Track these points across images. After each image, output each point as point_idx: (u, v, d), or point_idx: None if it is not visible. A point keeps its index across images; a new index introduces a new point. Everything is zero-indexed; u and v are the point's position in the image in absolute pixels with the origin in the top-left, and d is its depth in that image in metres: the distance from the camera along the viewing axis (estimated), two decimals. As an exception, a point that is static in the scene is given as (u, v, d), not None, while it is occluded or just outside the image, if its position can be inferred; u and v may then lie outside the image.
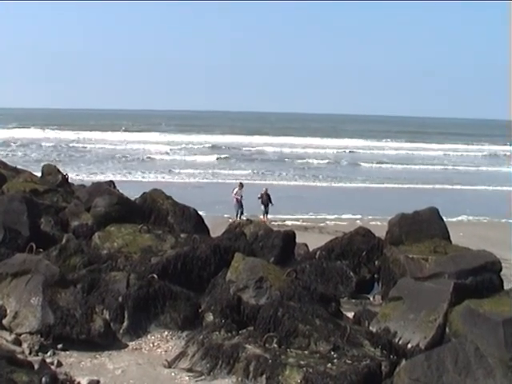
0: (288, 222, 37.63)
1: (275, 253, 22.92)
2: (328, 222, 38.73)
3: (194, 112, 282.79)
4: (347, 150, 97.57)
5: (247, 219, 27.12)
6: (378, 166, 77.05)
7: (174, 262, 18.83)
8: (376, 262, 22.51)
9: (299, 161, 79.78)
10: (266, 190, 39.02)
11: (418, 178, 64.92)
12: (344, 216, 40.62)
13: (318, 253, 23.43)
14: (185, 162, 75.14)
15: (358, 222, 36.80)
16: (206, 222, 25.40)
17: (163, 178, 57.71)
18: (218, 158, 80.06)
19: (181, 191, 37.23)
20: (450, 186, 59.24)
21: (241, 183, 39.41)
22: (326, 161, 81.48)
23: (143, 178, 57.67)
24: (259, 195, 38.47)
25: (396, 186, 58.69)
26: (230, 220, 29.74)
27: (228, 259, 18.67)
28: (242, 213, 36.98)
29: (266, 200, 38.29)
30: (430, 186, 58.65)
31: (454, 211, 40.84)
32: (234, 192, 38.01)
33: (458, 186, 59.64)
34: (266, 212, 38.28)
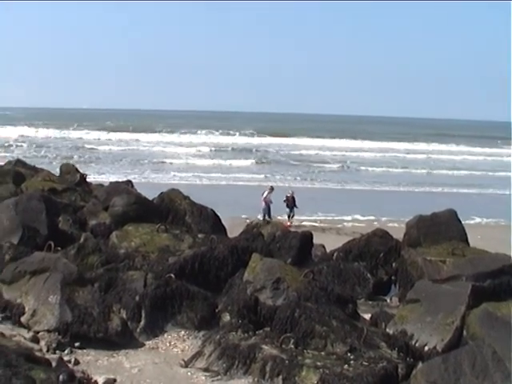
0: (305, 223, 37.59)
1: (292, 254, 22.88)
2: (345, 224, 38.64)
3: (208, 112, 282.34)
4: (369, 153, 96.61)
5: (265, 220, 27.11)
6: (394, 169, 76.40)
7: (191, 262, 18.86)
8: (393, 264, 22.46)
9: (315, 164, 79.46)
10: (292, 192, 38.73)
11: (434, 181, 64.71)
12: (361, 217, 40.54)
13: (335, 254, 23.40)
14: (202, 163, 75.20)
15: (376, 223, 36.69)
16: (224, 222, 25.44)
17: (179, 178, 57.61)
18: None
19: (198, 192, 37.15)
20: (467, 190, 59.02)
21: (271, 187, 39.21)
22: (343, 163, 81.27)
23: (158, 179, 57.64)
24: (285, 198, 38.31)
25: (413, 189, 58.51)
26: (248, 221, 29.69)
27: (245, 260, 18.70)
28: (269, 216, 36.81)
29: (292, 203, 38.10)
30: (447, 190, 58.44)
31: (471, 214, 40.74)
32: (264, 195, 37.79)
33: (475, 190, 59.45)
34: (292, 215, 38.10)
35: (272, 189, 38.36)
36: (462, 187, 60.74)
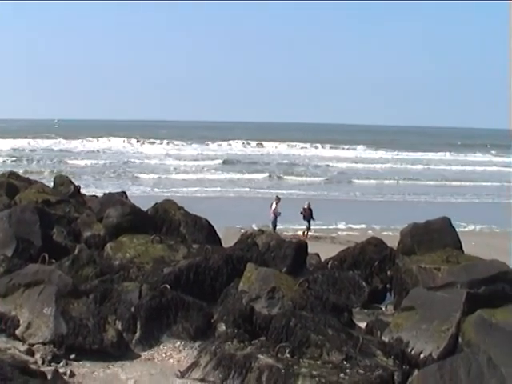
0: (300, 233, 37.65)
1: (287, 263, 22.84)
2: (340, 233, 38.82)
3: (203, 122, 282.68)
4: (363, 164, 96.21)
5: (259, 230, 27.00)
6: (386, 180, 75.79)
7: (186, 273, 18.89)
8: (388, 272, 22.47)
9: (306, 176, 79.37)
10: (309, 204, 38.45)
11: (425, 190, 64.86)
12: (355, 226, 40.63)
13: (330, 263, 23.43)
14: (195, 175, 75.31)
15: (370, 232, 36.88)
16: (218, 232, 25.40)
17: (174, 190, 57.52)
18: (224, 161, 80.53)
19: (192, 203, 37.22)
20: (459, 199, 59.21)
21: (278, 197, 39.11)
22: (335, 173, 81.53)
23: (149, 190, 57.61)
24: (301, 210, 37.98)
25: (405, 199, 58.70)
26: (242, 231, 29.71)
27: (240, 269, 18.73)
28: (274, 227, 36.75)
29: (309, 215, 37.76)
30: (443, 200, 58.54)
31: (465, 221, 40.85)
32: (273, 207, 37.54)
33: (467, 198, 59.75)
34: (308, 228, 37.72)
35: (279, 199, 38.30)
36: (454, 196, 60.97)
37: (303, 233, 37.32)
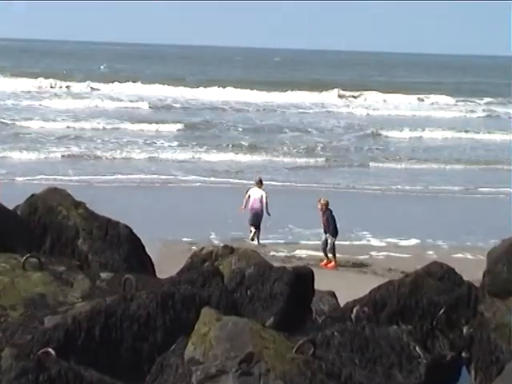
0: (301, 252, 37.37)
1: (277, 309, 22.51)
2: (374, 254, 38.49)
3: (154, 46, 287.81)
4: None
5: (224, 246, 26.34)
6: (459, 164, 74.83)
7: (87, 326, 18.36)
8: (465, 329, 22.21)
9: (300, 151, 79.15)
10: (327, 203, 37.91)
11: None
12: (402, 242, 40.35)
13: (355, 309, 23.11)
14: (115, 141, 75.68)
15: (430, 252, 36.62)
16: (149, 250, 24.99)
17: (70, 170, 57.43)
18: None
19: (104, 196, 36.87)
20: None
21: (260, 180, 40.61)
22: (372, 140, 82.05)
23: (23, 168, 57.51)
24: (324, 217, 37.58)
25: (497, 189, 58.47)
26: (194, 247, 29.29)
27: (189, 320, 18.28)
28: (258, 226, 37.54)
29: (328, 223, 37.18)
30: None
31: None
32: (265, 197, 39.55)
33: None
34: (331, 248, 36.96)
35: (261, 182, 39.75)
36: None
37: (326, 256, 36.80)
